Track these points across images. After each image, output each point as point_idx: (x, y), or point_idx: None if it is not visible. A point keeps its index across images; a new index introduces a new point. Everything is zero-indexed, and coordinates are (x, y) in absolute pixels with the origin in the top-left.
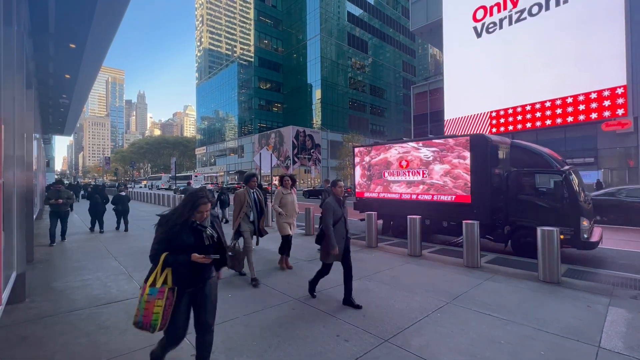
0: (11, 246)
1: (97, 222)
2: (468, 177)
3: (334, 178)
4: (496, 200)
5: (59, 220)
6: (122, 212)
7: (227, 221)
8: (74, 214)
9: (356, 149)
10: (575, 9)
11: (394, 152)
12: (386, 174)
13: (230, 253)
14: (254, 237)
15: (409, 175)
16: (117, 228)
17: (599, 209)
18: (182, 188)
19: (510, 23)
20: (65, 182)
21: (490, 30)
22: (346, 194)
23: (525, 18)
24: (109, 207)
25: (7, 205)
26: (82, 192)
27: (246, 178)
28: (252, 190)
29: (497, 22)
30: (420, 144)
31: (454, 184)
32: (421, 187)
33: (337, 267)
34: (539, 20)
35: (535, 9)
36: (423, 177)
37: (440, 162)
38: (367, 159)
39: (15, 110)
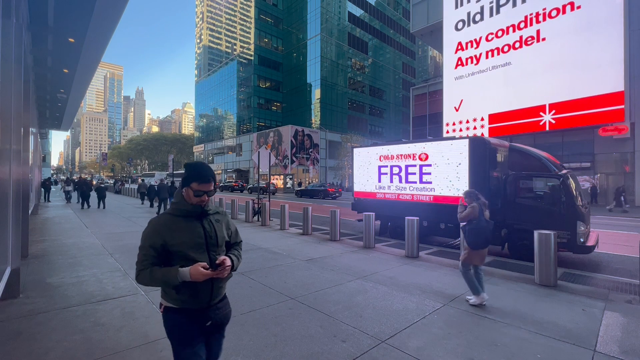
0: (6, 241)
1: (84, 202)
2: (466, 179)
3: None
4: (494, 202)
5: None
6: (100, 197)
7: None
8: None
9: (354, 149)
10: (575, 16)
11: (393, 153)
12: (384, 175)
13: None
14: None
15: (407, 177)
16: (98, 207)
17: None
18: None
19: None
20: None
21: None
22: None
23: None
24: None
25: (2, 200)
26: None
27: None
28: None
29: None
30: (419, 145)
31: (452, 185)
32: (419, 188)
33: (332, 268)
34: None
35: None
36: (421, 178)
37: (439, 163)
38: (365, 159)
39: (13, 104)
